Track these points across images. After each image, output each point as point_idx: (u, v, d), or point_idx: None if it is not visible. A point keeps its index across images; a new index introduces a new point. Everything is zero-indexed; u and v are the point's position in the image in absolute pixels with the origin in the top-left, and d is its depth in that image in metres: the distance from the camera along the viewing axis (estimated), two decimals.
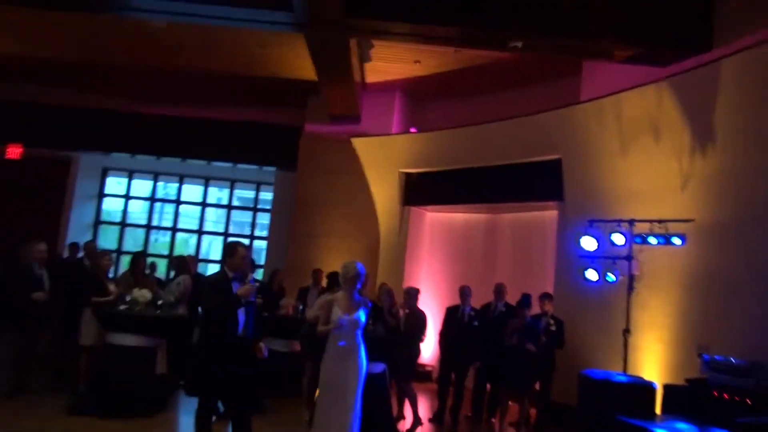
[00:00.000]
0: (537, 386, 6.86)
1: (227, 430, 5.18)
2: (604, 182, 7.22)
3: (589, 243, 6.62)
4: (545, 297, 7.01)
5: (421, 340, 6.60)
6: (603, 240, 6.57)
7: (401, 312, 6.71)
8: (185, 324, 6.54)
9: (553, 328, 6.77)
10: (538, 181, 8.24)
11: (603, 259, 6.65)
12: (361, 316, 4.93)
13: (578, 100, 7.95)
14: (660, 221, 6.24)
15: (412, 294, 6.69)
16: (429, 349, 8.77)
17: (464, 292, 7.10)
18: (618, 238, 6.46)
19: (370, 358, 6.10)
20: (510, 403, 6.66)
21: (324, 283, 8.36)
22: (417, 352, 6.56)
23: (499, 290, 7.30)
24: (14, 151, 10.80)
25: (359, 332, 4.88)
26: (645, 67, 6.86)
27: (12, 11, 7.70)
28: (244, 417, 4.58)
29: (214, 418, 6.10)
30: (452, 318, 7.14)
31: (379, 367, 6.17)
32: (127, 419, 5.69)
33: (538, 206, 8.57)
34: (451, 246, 10.04)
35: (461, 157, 9.08)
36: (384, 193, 10.06)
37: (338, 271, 7.26)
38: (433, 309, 8.29)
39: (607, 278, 6.54)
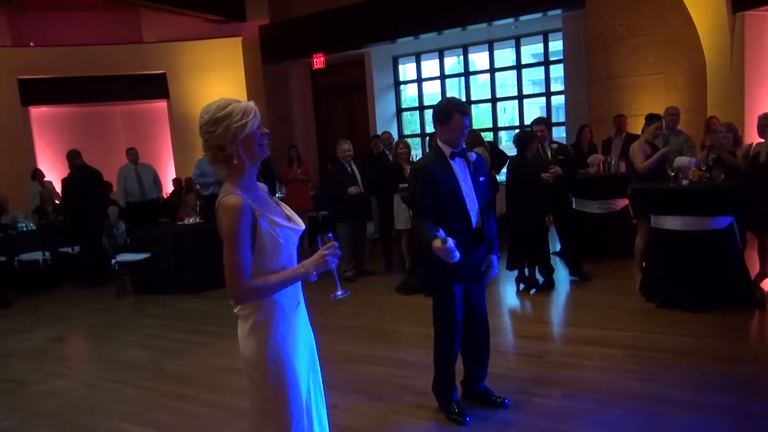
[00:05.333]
0: None
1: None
2: None
3: None
4: None
5: None
6: None
7: (752, 147, 5.27)
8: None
9: None
10: None
11: None
12: None
13: None
14: None
15: None
16: None
17: None
18: None
19: (710, 212, 5.01)
20: None
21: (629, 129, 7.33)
22: None
23: None
24: (318, 61, 11.81)
25: None
26: None
27: None
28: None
29: (534, 291, 6.01)
30: None
31: (724, 221, 5.02)
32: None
33: None
34: None
35: None
36: (703, 3, 7.94)
37: (656, 113, 6.10)
38: None
39: None
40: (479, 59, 11.87)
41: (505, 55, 11.50)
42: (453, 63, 12.41)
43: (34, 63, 11.27)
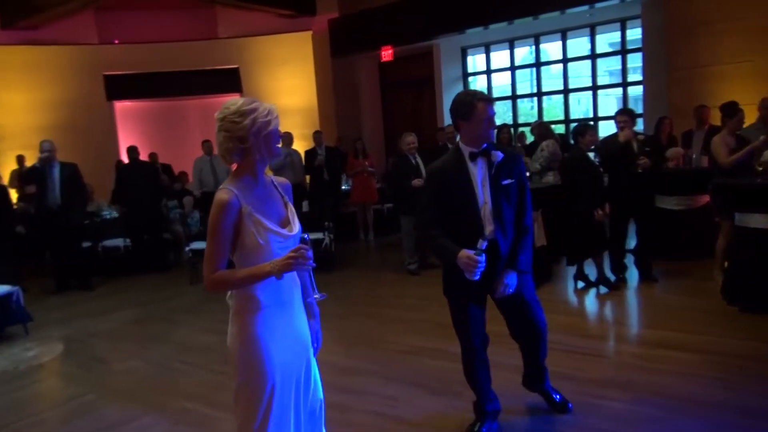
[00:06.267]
0: None
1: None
2: None
3: None
4: None
5: None
6: None
7: None
8: (559, 191, 6.14)
9: None
10: None
11: None
12: None
13: None
14: None
15: None
16: None
17: None
18: None
19: None
20: None
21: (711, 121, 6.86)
22: None
23: None
24: (387, 54, 11.82)
25: None
26: None
27: None
28: None
29: (583, 284, 5.79)
30: None
31: None
32: None
33: None
34: None
35: None
36: None
37: (732, 101, 5.74)
38: None
39: None
40: (551, 49, 11.52)
41: (579, 45, 11.10)
42: (524, 53, 12.11)
43: (118, 59, 11.91)
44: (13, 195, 9.27)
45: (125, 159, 10.93)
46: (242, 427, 2.17)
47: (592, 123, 5.70)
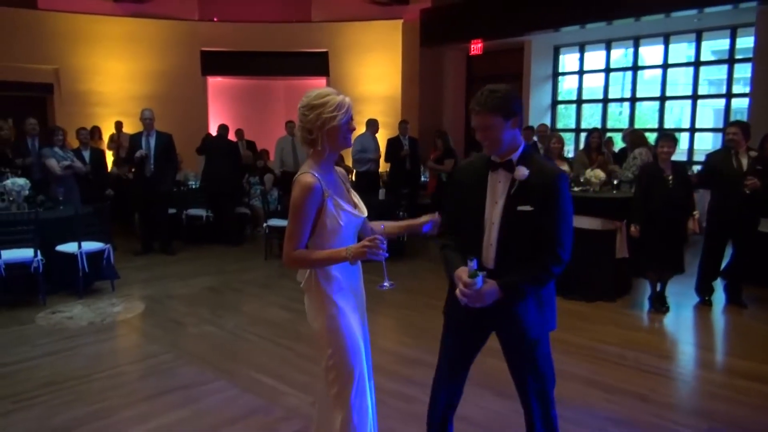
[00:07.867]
0: None
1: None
2: None
3: None
4: None
5: None
6: None
7: None
8: None
9: None
10: None
11: None
12: None
13: None
14: None
15: None
16: None
17: None
18: None
19: None
20: None
21: None
22: None
23: None
24: (476, 47, 11.65)
25: None
26: None
27: None
28: None
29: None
30: None
31: None
32: (590, 302, 5.61)
33: None
34: None
35: None
36: None
37: None
38: None
39: None
40: (649, 53, 10.97)
41: (678, 50, 10.52)
42: (618, 56, 11.62)
43: (215, 36, 12.36)
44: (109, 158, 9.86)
45: (214, 133, 11.42)
46: (342, 399, 2.32)
47: (670, 133, 5.42)
